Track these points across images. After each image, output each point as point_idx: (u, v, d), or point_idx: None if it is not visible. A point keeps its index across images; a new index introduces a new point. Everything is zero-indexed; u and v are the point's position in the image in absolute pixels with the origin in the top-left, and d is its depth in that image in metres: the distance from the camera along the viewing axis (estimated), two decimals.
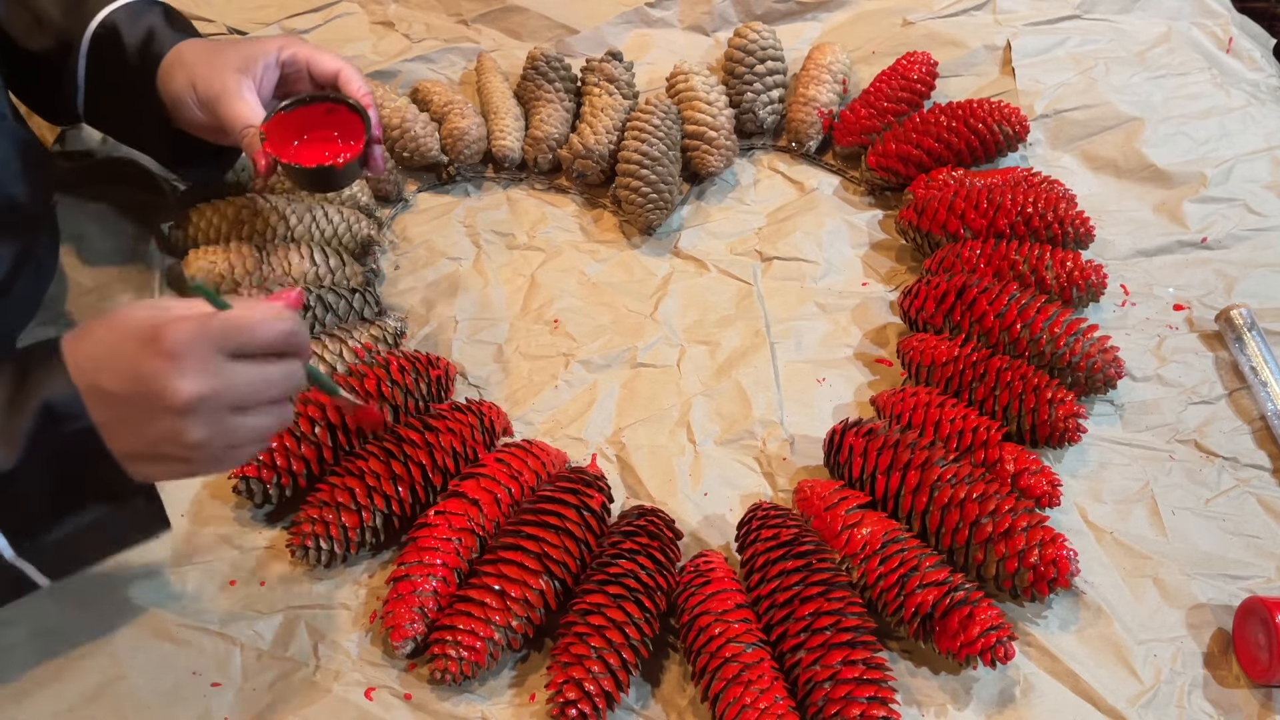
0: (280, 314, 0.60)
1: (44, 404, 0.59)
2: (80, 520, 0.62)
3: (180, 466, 0.61)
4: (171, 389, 0.57)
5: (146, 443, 0.59)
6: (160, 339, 0.57)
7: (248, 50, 0.82)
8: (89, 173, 1.01)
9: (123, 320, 0.59)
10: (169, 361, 0.57)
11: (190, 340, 0.57)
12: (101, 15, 0.84)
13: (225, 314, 0.59)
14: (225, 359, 0.59)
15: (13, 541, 0.61)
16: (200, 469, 0.62)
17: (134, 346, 0.58)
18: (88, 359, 0.59)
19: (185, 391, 0.57)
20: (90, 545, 0.65)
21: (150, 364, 0.57)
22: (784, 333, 0.95)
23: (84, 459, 0.59)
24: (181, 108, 0.83)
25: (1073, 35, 1.17)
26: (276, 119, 0.81)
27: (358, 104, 0.83)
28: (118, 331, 0.59)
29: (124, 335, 0.59)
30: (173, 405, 0.57)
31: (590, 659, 0.69)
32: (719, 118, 1.05)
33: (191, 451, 0.59)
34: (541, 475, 0.81)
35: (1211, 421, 0.88)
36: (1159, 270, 0.99)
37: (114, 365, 0.58)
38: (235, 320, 0.59)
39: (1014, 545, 0.74)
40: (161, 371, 0.57)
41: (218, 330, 0.58)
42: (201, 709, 0.71)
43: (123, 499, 0.62)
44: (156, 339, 0.57)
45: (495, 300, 0.97)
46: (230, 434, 0.60)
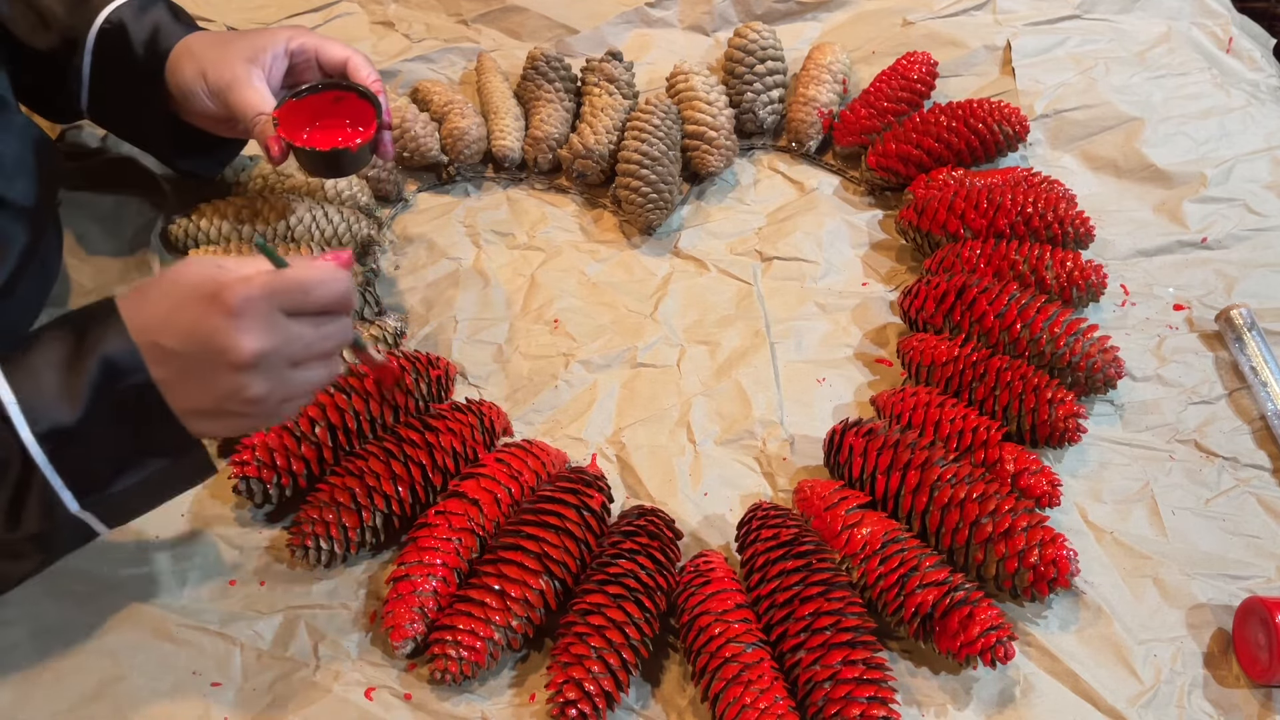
0: (336, 274, 0.63)
1: (104, 359, 0.60)
2: (141, 474, 0.63)
3: (238, 421, 0.63)
4: (235, 346, 0.59)
5: (208, 399, 0.61)
6: (222, 297, 0.59)
7: (257, 40, 0.83)
8: (89, 173, 1.01)
9: (182, 279, 0.61)
10: (232, 319, 0.59)
11: (252, 299, 0.60)
12: (107, 11, 0.84)
13: (284, 273, 0.61)
14: (283, 316, 0.61)
15: (77, 495, 0.62)
16: (256, 423, 0.65)
17: (196, 305, 0.60)
18: (148, 317, 0.61)
19: (248, 348, 0.60)
20: (146, 495, 0.67)
21: (213, 322, 0.59)
22: (784, 333, 0.95)
23: (145, 413, 0.61)
24: (191, 99, 0.83)
25: (1073, 35, 1.17)
26: (288, 106, 0.82)
27: (367, 91, 0.83)
28: (178, 291, 0.61)
29: (184, 294, 0.61)
30: (235, 362, 0.60)
31: (590, 659, 0.69)
32: (719, 118, 1.05)
33: (251, 406, 0.62)
34: (541, 475, 0.81)
35: (1211, 421, 0.88)
36: (1159, 270, 0.99)
37: (176, 324, 0.60)
38: (294, 279, 0.61)
39: (1014, 545, 0.74)
40: (224, 329, 0.59)
41: (278, 289, 0.61)
42: (201, 709, 0.71)
43: (181, 452, 0.64)
44: (218, 297, 0.59)
45: (495, 300, 0.97)
46: (287, 387, 0.63)
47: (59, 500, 0.62)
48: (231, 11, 1.17)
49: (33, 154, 0.82)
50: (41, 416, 0.60)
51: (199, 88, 0.82)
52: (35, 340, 0.62)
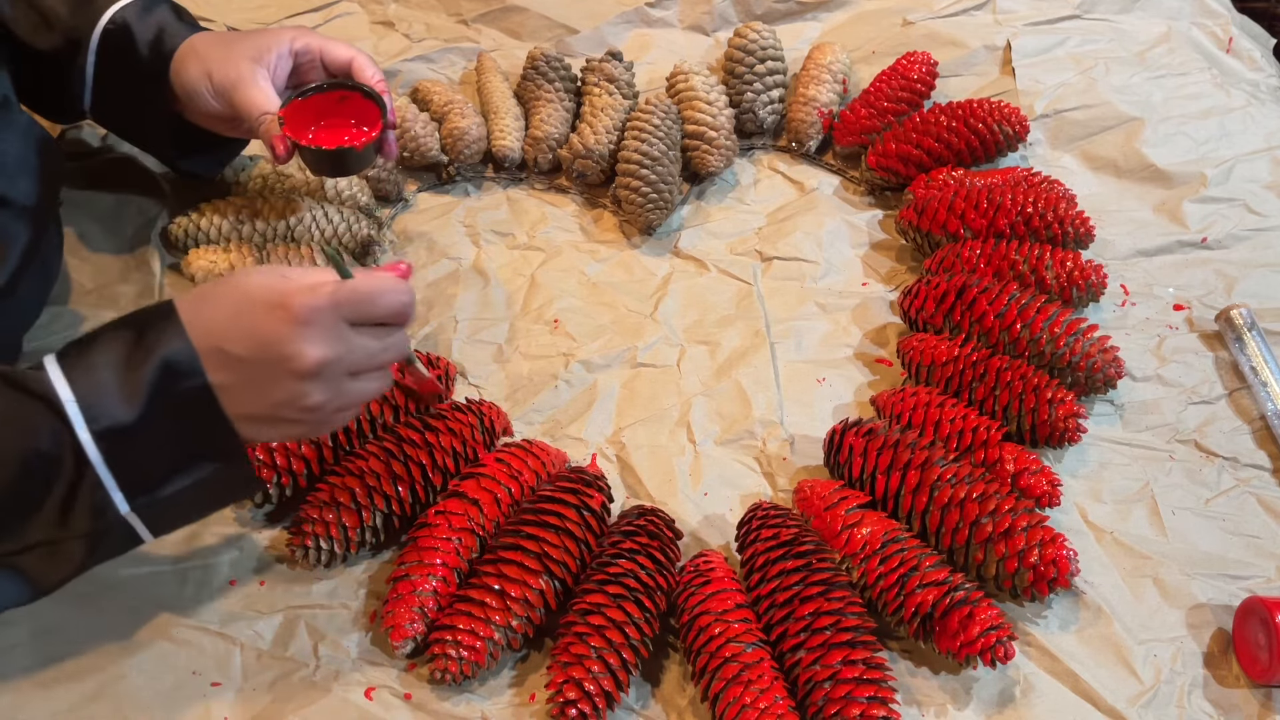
0: (399, 285, 0.65)
1: (164, 360, 0.60)
2: (190, 478, 0.63)
3: (292, 428, 0.64)
4: (299, 354, 0.60)
5: (267, 405, 0.62)
6: (288, 306, 0.60)
7: (261, 40, 0.84)
8: (89, 172, 1.01)
9: (247, 286, 0.62)
10: (298, 328, 0.60)
11: (318, 308, 0.61)
12: (111, 11, 0.84)
13: (350, 284, 0.62)
14: (347, 326, 0.62)
15: (128, 496, 0.62)
16: (309, 431, 0.66)
17: (261, 312, 0.61)
18: (211, 322, 0.61)
19: (311, 357, 0.61)
20: (193, 503, 0.66)
21: (279, 330, 0.60)
22: (784, 333, 0.95)
23: (199, 417, 0.61)
24: (196, 98, 0.83)
25: (1073, 35, 1.17)
26: (293, 106, 0.82)
27: (372, 90, 0.83)
28: (243, 298, 0.62)
29: (250, 301, 0.61)
30: (298, 370, 0.61)
31: (590, 659, 0.69)
32: (719, 118, 1.05)
33: (307, 414, 0.63)
34: (541, 475, 0.81)
35: (1211, 421, 0.88)
36: (1159, 270, 0.99)
37: (241, 330, 0.61)
38: (360, 290, 0.63)
39: (1014, 545, 0.74)
40: (290, 337, 0.60)
41: (344, 299, 0.62)
42: (201, 709, 0.71)
43: (232, 459, 0.64)
44: (285, 305, 0.60)
45: (495, 300, 0.97)
46: (343, 397, 0.64)
47: (110, 501, 0.61)
48: (232, 11, 1.17)
49: (35, 153, 0.82)
50: (100, 415, 0.60)
51: (204, 87, 0.83)
52: (93, 340, 0.62)
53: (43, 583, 0.65)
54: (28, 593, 0.65)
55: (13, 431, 0.59)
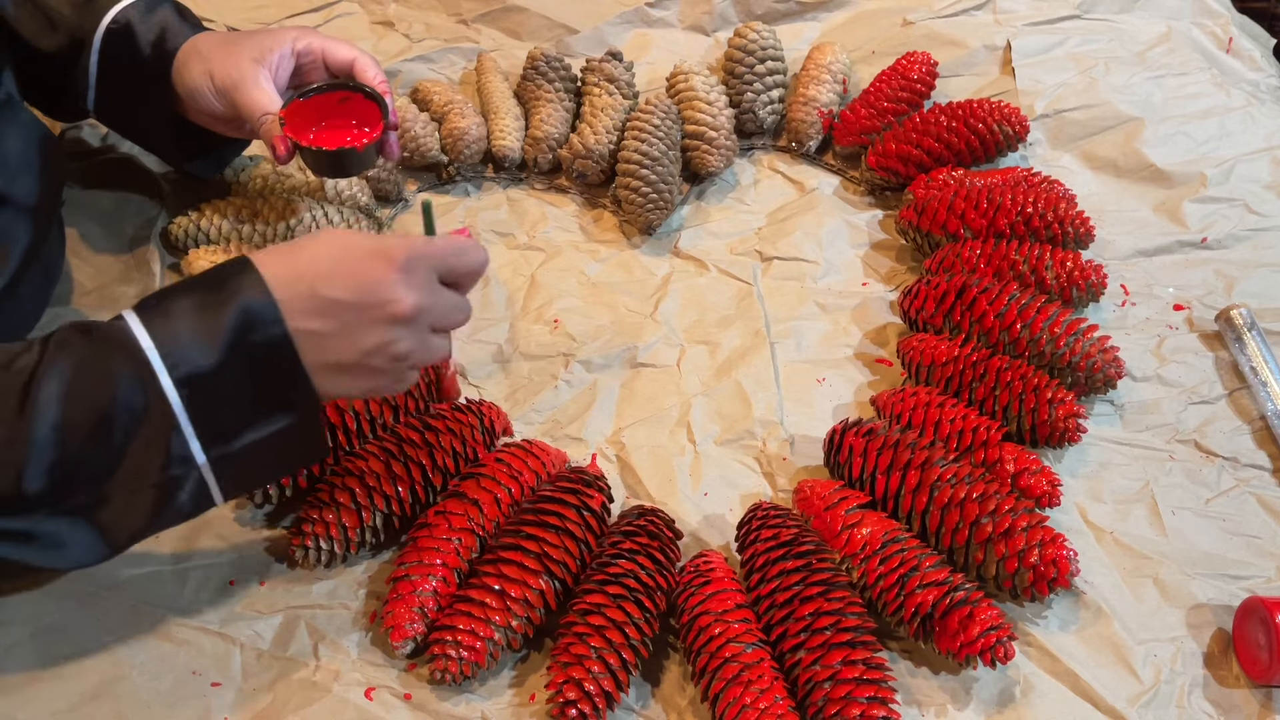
0: (480, 246, 0.68)
1: (242, 308, 0.61)
2: (264, 430, 0.64)
3: (373, 380, 0.66)
4: (399, 299, 0.62)
5: (357, 352, 0.63)
6: (391, 252, 0.62)
7: (264, 41, 0.84)
8: (90, 173, 1.01)
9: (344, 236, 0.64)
10: (399, 273, 0.62)
11: (418, 256, 0.63)
12: (114, 11, 0.85)
13: (442, 238, 0.65)
14: (435, 279, 0.64)
15: (205, 446, 0.62)
16: (386, 386, 0.67)
17: (364, 257, 0.62)
18: (305, 267, 0.62)
19: (409, 302, 0.63)
20: (263, 461, 0.66)
21: (381, 273, 0.62)
22: (784, 333, 0.95)
23: (277, 367, 0.62)
24: (198, 98, 0.83)
25: (1073, 35, 1.17)
26: (294, 106, 0.82)
27: (374, 91, 0.83)
28: (342, 245, 0.63)
29: (350, 247, 0.63)
30: (395, 314, 0.63)
31: (590, 659, 0.69)
32: (719, 118, 1.05)
33: (392, 364, 0.65)
34: (541, 475, 0.81)
35: (1211, 421, 0.88)
36: (1159, 270, 0.99)
37: (342, 273, 0.62)
38: (451, 244, 0.66)
39: (1014, 545, 0.74)
40: (391, 282, 0.62)
41: (438, 251, 0.65)
42: (201, 709, 0.71)
43: (307, 413, 0.65)
44: (387, 252, 0.62)
45: (495, 300, 0.97)
46: (423, 351, 0.66)
47: (189, 450, 0.62)
48: (232, 11, 1.17)
49: (37, 152, 0.82)
50: (179, 361, 0.60)
51: (206, 87, 0.83)
52: (170, 291, 0.63)
53: (115, 537, 0.64)
54: (101, 549, 0.64)
55: (94, 380, 0.60)
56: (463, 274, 0.67)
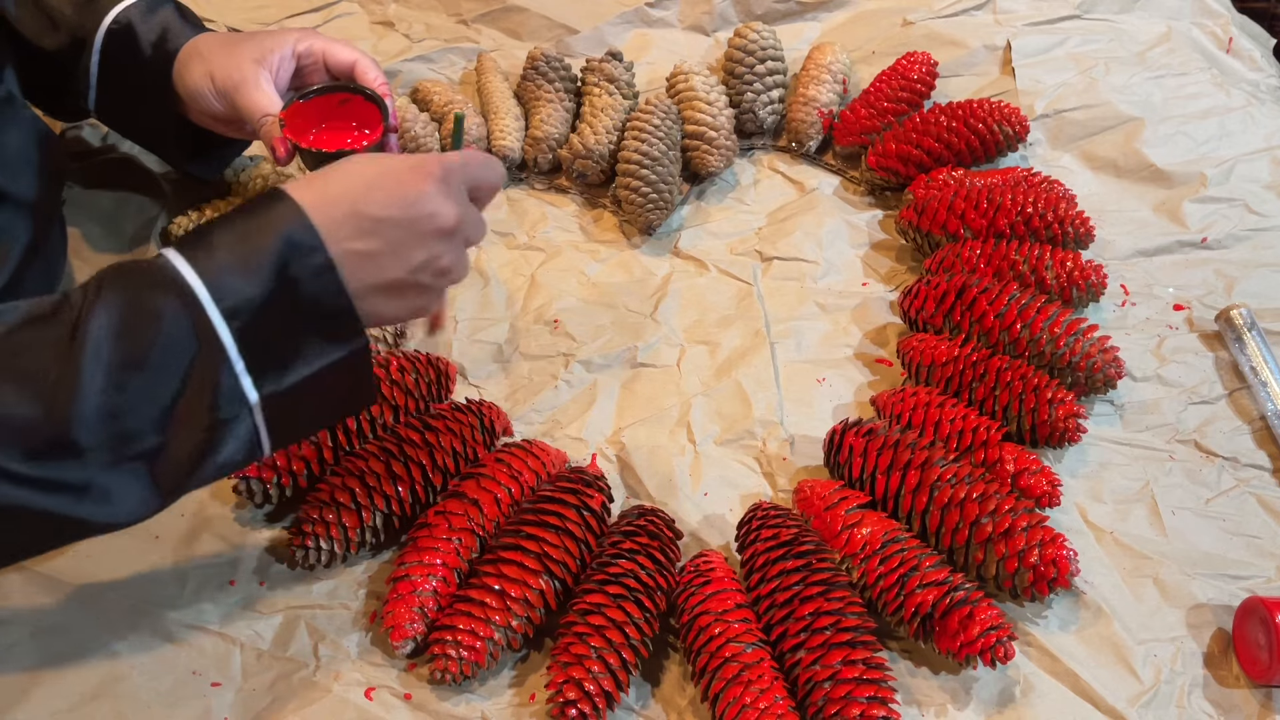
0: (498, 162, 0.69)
1: (283, 236, 0.60)
2: (313, 365, 0.62)
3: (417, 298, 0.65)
4: (443, 211, 0.63)
5: (403, 268, 0.63)
6: (427, 166, 0.63)
7: (265, 42, 0.84)
8: (90, 173, 1.01)
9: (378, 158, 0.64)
10: (440, 184, 0.63)
11: (453, 168, 0.64)
12: (115, 11, 0.85)
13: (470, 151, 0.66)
14: (466, 193, 0.66)
15: (256, 381, 0.60)
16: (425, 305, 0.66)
17: (404, 172, 0.63)
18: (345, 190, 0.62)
19: (453, 214, 0.63)
20: (312, 403, 0.65)
21: (423, 186, 0.62)
22: (784, 333, 0.95)
23: (322, 295, 0.61)
24: (198, 99, 0.83)
25: (1073, 35, 1.17)
26: (294, 108, 0.82)
27: (374, 93, 0.83)
28: (379, 165, 0.64)
29: (387, 166, 0.63)
30: (441, 226, 0.63)
31: (590, 659, 0.69)
32: (719, 118, 1.05)
33: (438, 278, 0.65)
34: (541, 475, 0.81)
35: (1211, 421, 0.88)
36: (1159, 270, 0.99)
37: (383, 190, 0.62)
38: (480, 157, 0.67)
39: (1014, 545, 0.74)
40: (434, 194, 0.63)
41: (468, 160, 0.66)
42: (201, 709, 0.71)
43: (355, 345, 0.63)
44: (424, 166, 0.63)
45: (495, 300, 0.97)
46: (459, 265, 0.66)
47: (240, 386, 0.60)
48: (232, 12, 1.17)
49: (38, 150, 0.82)
50: (226, 293, 0.59)
51: (206, 88, 0.83)
52: (208, 227, 0.61)
53: (167, 486, 0.61)
54: (154, 500, 0.61)
55: (141, 317, 0.58)
56: (487, 188, 0.68)
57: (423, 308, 0.67)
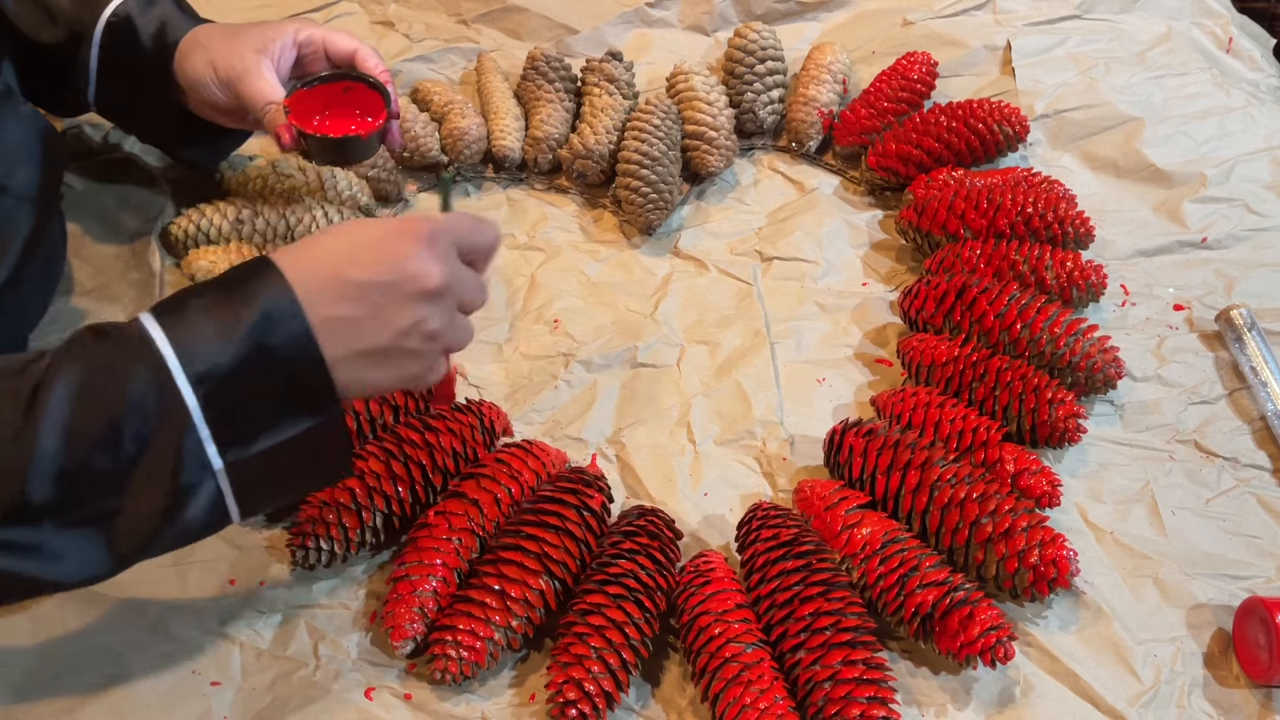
0: (494, 224, 0.67)
1: (261, 304, 0.59)
2: (283, 434, 0.61)
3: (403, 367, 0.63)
4: (428, 272, 0.61)
5: (391, 334, 0.61)
6: (412, 227, 0.62)
7: (265, 32, 0.84)
8: (91, 171, 1.01)
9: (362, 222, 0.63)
10: (423, 246, 0.61)
11: (438, 229, 0.62)
12: (114, 5, 0.85)
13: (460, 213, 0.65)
14: (456, 254, 0.63)
15: (221, 449, 0.59)
16: (415, 374, 0.64)
17: (385, 235, 0.61)
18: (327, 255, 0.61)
19: (438, 275, 0.61)
20: (282, 473, 0.63)
21: (406, 247, 0.61)
22: (784, 333, 0.95)
23: (298, 363, 0.60)
24: (201, 89, 0.84)
25: (1073, 35, 1.17)
26: (298, 95, 0.82)
27: (376, 81, 0.84)
28: (362, 230, 0.62)
29: (370, 230, 0.62)
30: (426, 288, 0.61)
31: (590, 659, 0.69)
32: (719, 118, 1.05)
33: (425, 343, 0.63)
34: (541, 475, 0.81)
35: (1211, 421, 0.88)
36: (1159, 270, 0.99)
37: (367, 254, 0.61)
38: (467, 218, 0.65)
39: (1014, 545, 0.74)
40: (419, 256, 0.61)
41: (454, 223, 0.64)
42: (201, 708, 0.71)
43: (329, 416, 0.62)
44: (407, 227, 0.62)
45: (495, 300, 0.97)
46: (453, 331, 0.64)
47: (204, 453, 0.59)
48: (232, 12, 1.17)
49: (38, 143, 0.82)
50: (196, 358, 0.58)
51: (209, 78, 0.83)
52: (187, 291, 0.61)
53: (122, 551, 0.60)
54: (106, 563, 0.60)
55: (106, 379, 0.57)
56: (480, 250, 0.66)
57: (416, 376, 0.64)
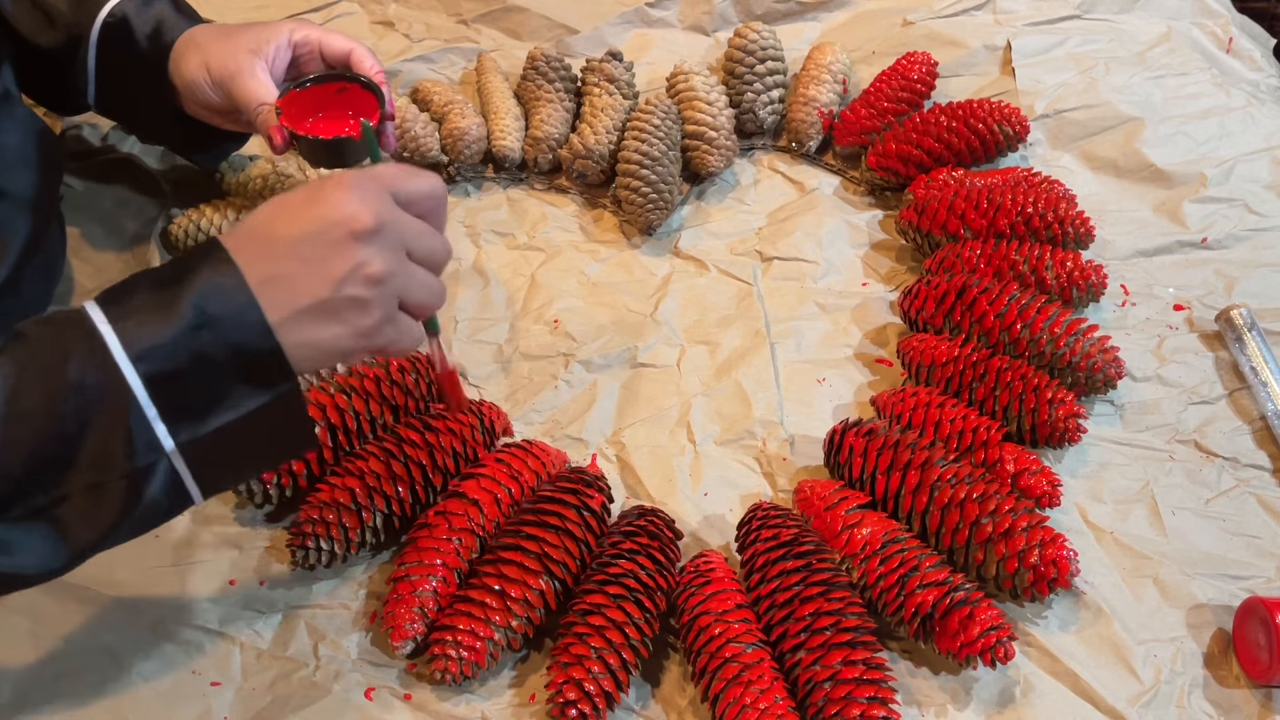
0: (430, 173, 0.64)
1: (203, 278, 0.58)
2: (236, 411, 0.59)
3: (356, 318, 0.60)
4: (355, 213, 0.59)
5: (330, 283, 0.59)
6: (333, 178, 0.61)
7: (260, 32, 0.84)
8: (90, 172, 1.01)
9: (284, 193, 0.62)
10: (345, 190, 0.60)
11: (361, 177, 0.61)
12: (110, 5, 0.85)
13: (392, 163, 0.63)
14: (392, 200, 0.61)
15: (172, 429, 0.58)
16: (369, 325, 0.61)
17: (309, 190, 0.60)
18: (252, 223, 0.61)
19: (368, 215, 0.59)
20: (241, 450, 0.62)
21: (329, 195, 0.60)
22: (784, 333, 0.95)
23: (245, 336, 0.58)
24: (195, 91, 0.83)
25: (1073, 35, 1.17)
26: (290, 96, 0.82)
27: (370, 82, 0.83)
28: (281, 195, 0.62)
29: (290, 193, 0.61)
30: (356, 229, 0.59)
31: (590, 659, 0.69)
32: (719, 118, 1.05)
33: (372, 289, 0.60)
34: (541, 475, 0.81)
35: (1211, 421, 0.88)
36: (1159, 270, 0.99)
37: (289, 211, 0.60)
38: (399, 167, 0.63)
39: (1014, 545, 0.74)
40: (342, 200, 0.59)
41: (380, 169, 0.62)
42: (201, 708, 0.71)
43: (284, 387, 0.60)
44: (329, 179, 0.61)
45: (495, 300, 0.97)
46: (406, 277, 0.61)
47: (153, 434, 0.57)
48: (231, 11, 1.17)
49: (35, 146, 0.82)
50: (136, 337, 0.56)
51: (202, 79, 0.83)
52: (133, 275, 0.60)
53: (78, 540, 0.59)
54: (62, 554, 0.59)
55: (45, 364, 0.56)
56: (421, 197, 0.63)
57: (373, 330, 0.61)
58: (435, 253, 0.64)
